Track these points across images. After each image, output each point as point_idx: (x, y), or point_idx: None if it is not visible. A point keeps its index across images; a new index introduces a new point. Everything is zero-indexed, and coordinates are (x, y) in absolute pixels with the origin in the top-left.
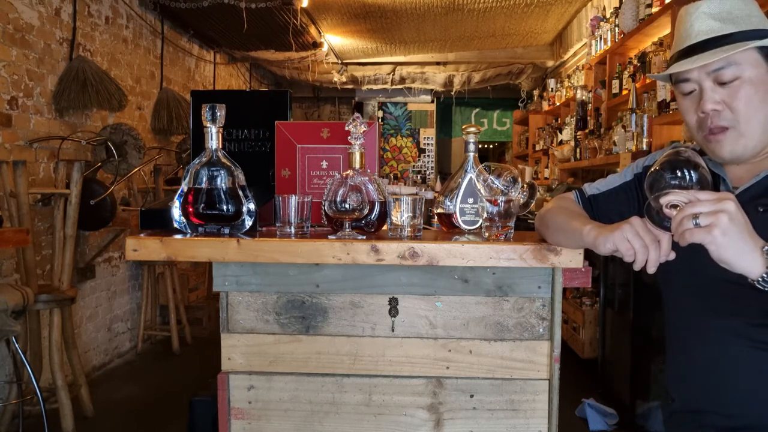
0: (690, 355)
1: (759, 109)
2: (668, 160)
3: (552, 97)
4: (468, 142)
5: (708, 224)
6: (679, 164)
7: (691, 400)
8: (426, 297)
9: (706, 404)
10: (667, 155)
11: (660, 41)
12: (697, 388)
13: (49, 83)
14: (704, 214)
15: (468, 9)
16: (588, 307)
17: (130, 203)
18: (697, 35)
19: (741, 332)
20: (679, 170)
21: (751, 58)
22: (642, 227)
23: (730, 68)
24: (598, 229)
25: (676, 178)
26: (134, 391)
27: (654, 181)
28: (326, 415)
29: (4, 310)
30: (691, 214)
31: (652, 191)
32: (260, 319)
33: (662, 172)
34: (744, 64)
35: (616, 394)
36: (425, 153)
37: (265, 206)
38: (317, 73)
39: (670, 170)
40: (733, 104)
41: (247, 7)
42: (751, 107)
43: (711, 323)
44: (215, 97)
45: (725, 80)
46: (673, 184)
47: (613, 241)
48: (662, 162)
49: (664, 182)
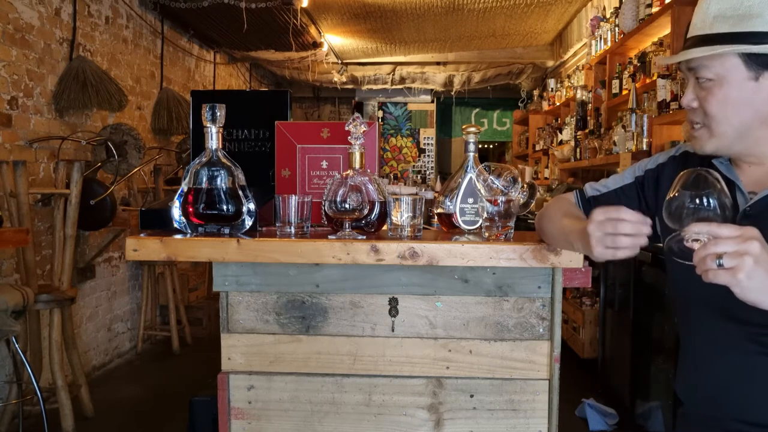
0: (704, 362)
1: (732, 114)
2: (685, 184)
3: (552, 97)
4: (468, 142)
5: (732, 266)
6: (697, 190)
7: (708, 405)
8: (426, 297)
9: (725, 410)
10: (683, 179)
11: (660, 41)
12: (713, 394)
13: (49, 83)
14: (728, 255)
15: (468, 9)
16: (588, 307)
17: (130, 203)
18: (692, 29)
19: (757, 340)
20: (698, 198)
21: (730, 62)
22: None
23: (706, 69)
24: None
25: (695, 205)
26: (134, 391)
27: (675, 209)
28: (326, 415)
29: (4, 310)
30: (715, 254)
31: (672, 220)
32: (260, 319)
33: (681, 199)
34: (721, 68)
35: (616, 394)
36: (425, 153)
37: (265, 206)
38: (317, 73)
39: (689, 197)
40: (705, 105)
41: (247, 7)
42: (721, 111)
43: (726, 330)
44: (215, 97)
45: (702, 80)
46: (692, 209)
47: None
48: (679, 186)
49: (685, 211)
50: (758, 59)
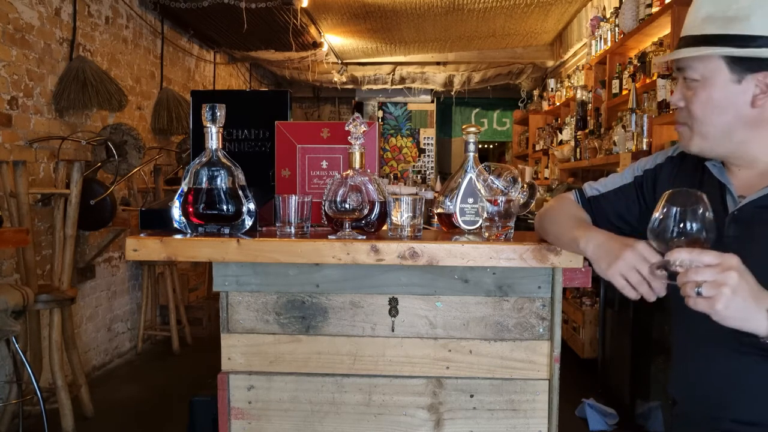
0: (696, 362)
1: (714, 115)
2: (669, 205)
3: (552, 97)
4: (468, 142)
5: (710, 296)
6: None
7: (701, 405)
8: (426, 297)
9: (718, 410)
10: (667, 198)
11: (660, 41)
12: (706, 393)
13: (49, 83)
14: (707, 284)
15: (468, 9)
16: (588, 307)
17: (130, 203)
18: (684, 29)
19: (747, 340)
20: (682, 222)
21: (714, 64)
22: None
23: (692, 70)
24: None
25: (680, 229)
26: (134, 391)
27: (659, 231)
28: (326, 415)
29: (4, 310)
30: (694, 282)
31: (657, 241)
32: (260, 319)
33: (666, 222)
34: (705, 69)
35: (616, 394)
36: (425, 153)
37: (265, 206)
38: (317, 73)
39: (673, 219)
40: (689, 105)
41: (247, 7)
42: (704, 111)
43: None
44: (215, 97)
45: (688, 80)
46: (677, 231)
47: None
48: (663, 206)
49: (668, 233)
50: (741, 62)
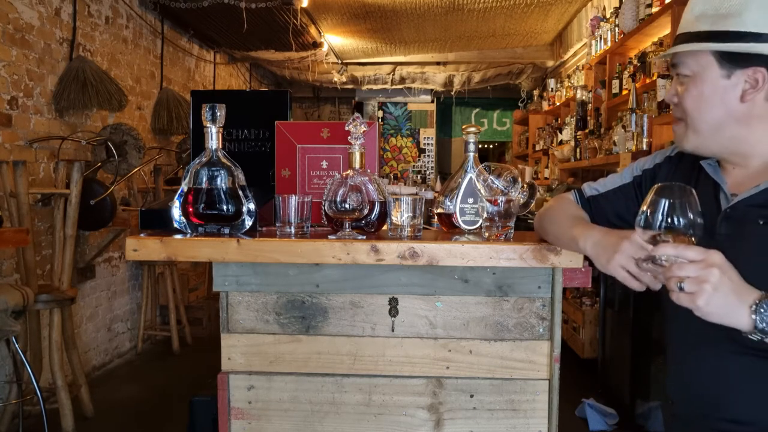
0: (692, 361)
1: (705, 111)
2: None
3: (552, 97)
4: (468, 142)
5: (692, 292)
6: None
7: (697, 404)
8: (426, 297)
9: (713, 409)
10: (655, 192)
11: (660, 41)
12: (701, 393)
13: (49, 83)
14: (689, 280)
15: (468, 9)
16: (588, 307)
17: (130, 203)
18: (680, 26)
19: (739, 339)
20: (670, 217)
21: (705, 60)
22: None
23: (684, 66)
24: (595, 248)
25: (667, 224)
26: (134, 391)
27: (648, 225)
28: (326, 415)
29: (4, 310)
30: (677, 277)
31: (645, 234)
32: (260, 319)
33: (654, 215)
34: (696, 65)
35: (616, 394)
36: (425, 153)
37: (265, 206)
38: (317, 73)
39: (661, 214)
40: (682, 101)
41: (247, 7)
42: (695, 107)
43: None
44: (215, 97)
45: (681, 76)
46: (665, 226)
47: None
48: (651, 199)
49: (656, 227)
50: (730, 58)
